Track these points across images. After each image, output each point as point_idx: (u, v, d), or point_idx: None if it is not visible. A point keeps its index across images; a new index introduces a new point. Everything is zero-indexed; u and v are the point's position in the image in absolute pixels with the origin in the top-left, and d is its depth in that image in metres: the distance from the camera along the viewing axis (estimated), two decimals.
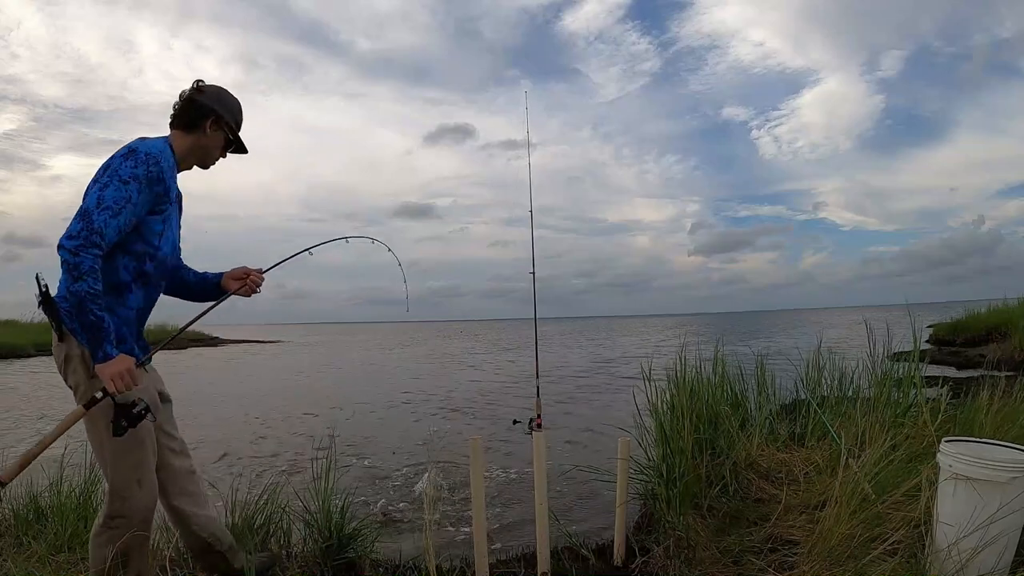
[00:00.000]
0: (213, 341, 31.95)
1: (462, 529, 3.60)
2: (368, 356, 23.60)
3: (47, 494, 2.92)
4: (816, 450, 3.42)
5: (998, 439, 2.32)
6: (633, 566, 2.57)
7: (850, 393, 4.11)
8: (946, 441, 2.16)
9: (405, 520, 3.89)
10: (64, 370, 1.83)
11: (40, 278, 1.69)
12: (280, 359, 22.06)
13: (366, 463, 5.59)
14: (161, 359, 2.12)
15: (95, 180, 1.74)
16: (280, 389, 12.32)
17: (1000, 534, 1.90)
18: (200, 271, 2.22)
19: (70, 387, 1.84)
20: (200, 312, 2.18)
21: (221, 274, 2.21)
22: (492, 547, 2.99)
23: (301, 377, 15.39)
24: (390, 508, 4.10)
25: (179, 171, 1.99)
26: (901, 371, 3.71)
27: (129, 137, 1.93)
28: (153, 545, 2.21)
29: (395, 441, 6.61)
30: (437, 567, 2.60)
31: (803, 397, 4.36)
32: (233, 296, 2.16)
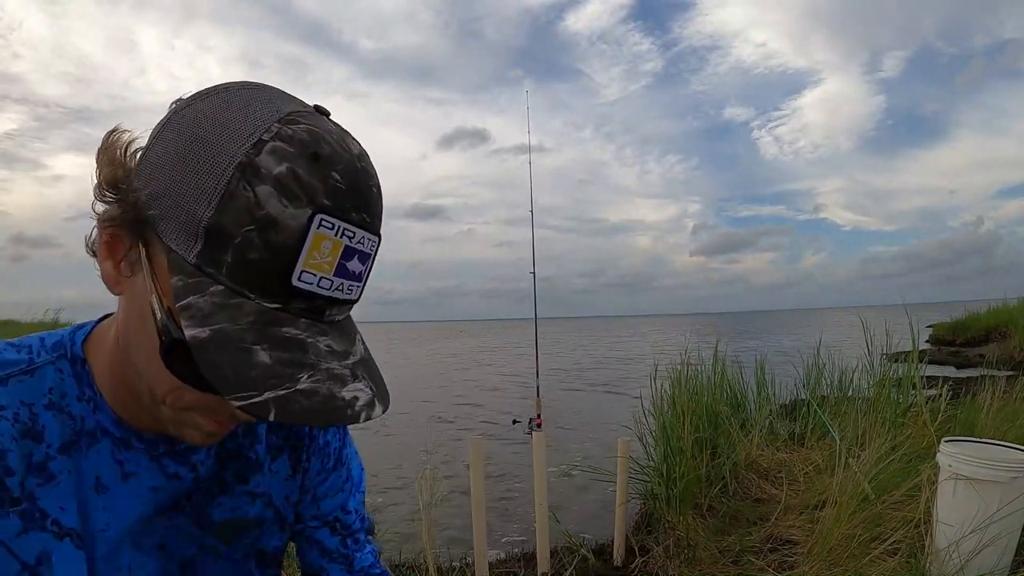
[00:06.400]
0: None
1: (462, 529, 3.60)
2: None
3: None
4: (816, 450, 3.42)
5: (998, 439, 2.31)
6: (633, 566, 2.57)
7: (850, 393, 4.11)
8: (946, 441, 2.16)
9: (404, 519, 3.88)
10: None
11: None
12: None
13: (365, 462, 5.58)
14: None
15: None
16: None
17: (1000, 534, 1.90)
18: None
19: None
20: None
21: None
22: (492, 547, 2.99)
23: None
24: (389, 507, 4.10)
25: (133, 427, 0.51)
26: (901, 371, 3.70)
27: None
28: None
29: (395, 439, 6.60)
30: (436, 567, 2.60)
31: (803, 397, 4.36)
32: None
